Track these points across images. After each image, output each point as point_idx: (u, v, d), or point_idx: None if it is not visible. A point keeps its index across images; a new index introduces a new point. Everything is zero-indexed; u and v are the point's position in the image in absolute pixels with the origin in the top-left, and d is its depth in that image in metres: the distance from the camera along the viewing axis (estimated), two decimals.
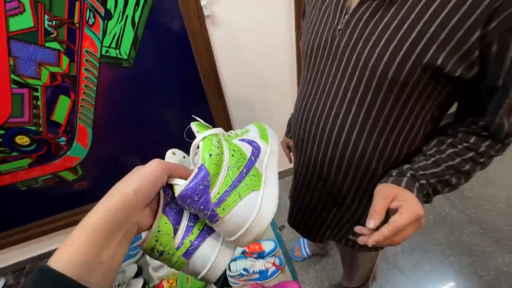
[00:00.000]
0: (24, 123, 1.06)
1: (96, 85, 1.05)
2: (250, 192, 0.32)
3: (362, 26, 0.43)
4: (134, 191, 0.27)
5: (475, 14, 0.34)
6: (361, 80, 0.44)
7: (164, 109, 1.22)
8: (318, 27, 0.50)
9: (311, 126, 0.54)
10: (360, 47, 0.43)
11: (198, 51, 1.08)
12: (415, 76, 0.40)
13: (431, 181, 0.45)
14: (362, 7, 0.43)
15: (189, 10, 0.98)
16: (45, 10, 0.87)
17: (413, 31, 0.38)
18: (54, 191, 1.28)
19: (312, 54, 0.51)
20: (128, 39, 0.99)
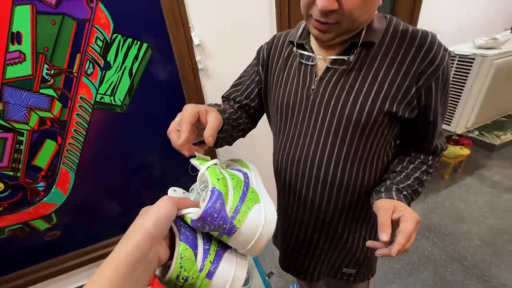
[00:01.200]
0: (2, 168, 1.00)
1: (86, 130, 1.06)
2: (255, 204, 0.38)
3: (332, 86, 0.54)
4: (154, 225, 0.29)
5: (409, 77, 0.50)
6: (340, 126, 0.54)
7: (151, 154, 1.22)
8: (291, 88, 0.59)
9: (297, 169, 0.61)
10: (334, 103, 0.54)
11: (191, 99, 1.15)
12: (379, 120, 0.52)
13: (409, 192, 0.56)
14: (328, 72, 0.54)
15: (185, 63, 1.07)
16: (46, 61, 0.91)
17: (371, 90, 0.51)
18: (21, 243, 1.16)
19: (288, 109, 0.60)
20: (124, 88, 1.04)
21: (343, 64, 0.52)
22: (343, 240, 0.67)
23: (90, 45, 0.94)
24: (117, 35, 0.96)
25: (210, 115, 0.47)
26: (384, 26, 0.51)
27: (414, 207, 1.75)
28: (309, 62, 0.56)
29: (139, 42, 1.00)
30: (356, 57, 0.51)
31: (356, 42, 0.50)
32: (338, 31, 0.47)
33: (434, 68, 0.49)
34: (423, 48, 0.49)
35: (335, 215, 0.63)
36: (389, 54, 0.50)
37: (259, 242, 0.36)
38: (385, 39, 0.51)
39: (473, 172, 2.05)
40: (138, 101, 1.08)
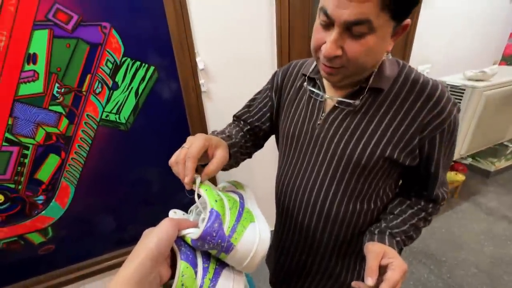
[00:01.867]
0: (4, 180, 1.03)
1: (89, 146, 1.09)
2: (250, 224, 0.41)
3: (336, 124, 0.56)
4: (156, 246, 0.32)
5: (414, 126, 0.50)
6: (339, 165, 0.56)
7: (151, 172, 1.25)
8: (298, 118, 0.62)
9: (296, 197, 0.63)
10: (337, 141, 0.55)
11: (193, 120, 1.19)
12: (379, 164, 0.53)
13: (402, 237, 0.56)
14: (335, 111, 0.56)
15: (189, 86, 1.12)
16: (57, 80, 0.96)
17: (375, 134, 0.52)
18: (14, 257, 1.15)
19: (294, 138, 0.63)
20: (129, 106, 1.09)
21: (350, 105, 0.54)
22: (336, 272, 0.66)
23: (101, 66, 1.00)
24: (127, 58, 1.02)
25: (218, 153, 0.48)
26: (395, 73, 0.52)
27: None
28: (318, 98, 0.59)
29: (147, 65, 1.06)
30: (363, 101, 0.53)
31: (364, 86, 0.52)
32: (344, 74, 0.48)
33: (440, 120, 0.49)
34: (432, 100, 0.49)
35: (329, 246, 0.63)
36: (397, 101, 0.51)
37: (255, 259, 0.39)
38: (395, 85, 0.52)
39: (469, 198, 2.06)
40: (142, 120, 1.13)
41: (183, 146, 0.47)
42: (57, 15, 0.89)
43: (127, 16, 0.97)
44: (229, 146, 0.57)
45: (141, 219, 1.32)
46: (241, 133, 0.67)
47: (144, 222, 1.30)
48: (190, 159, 0.43)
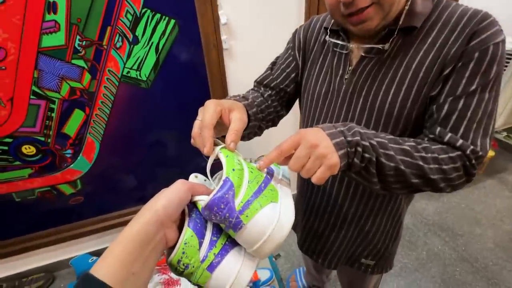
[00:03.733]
0: (34, 133, 1.07)
1: (112, 102, 1.10)
2: (269, 203, 0.35)
3: (365, 76, 0.52)
4: (163, 207, 0.30)
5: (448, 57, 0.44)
6: (371, 117, 0.52)
7: (171, 131, 1.26)
8: (324, 76, 0.58)
9: None
10: (365, 93, 0.52)
11: (213, 79, 1.15)
12: (415, 112, 0.49)
13: (365, 140, 0.41)
14: (363, 62, 0.52)
15: (210, 42, 1.07)
16: (78, 32, 0.94)
17: (405, 79, 0.48)
18: (48, 205, 1.24)
19: (320, 97, 0.59)
20: (150, 63, 1.07)
21: (379, 53, 0.49)
22: (365, 231, 0.66)
23: (121, 18, 0.96)
24: (147, 9, 0.97)
25: (234, 115, 0.44)
26: (429, 9, 0.47)
27: (427, 204, 1.73)
28: (343, 50, 0.55)
29: (167, 18, 1.00)
30: (393, 45, 0.48)
31: (394, 28, 0.47)
32: (379, 13, 0.43)
33: (474, 45, 0.42)
34: (469, 25, 0.43)
35: (358, 206, 0.62)
36: (429, 38, 0.46)
37: (267, 244, 0.33)
38: (428, 21, 0.47)
39: (494, 175, 1.97)
40: (162, 77, 1.10)
41: (197, 118, 0.44)
42: None
43: None
44: (246, 107, 0.52)
45: (160, 178, 1.36)
46: (261, 98, 0.62)
47: (164, 181, 1.34)
48: (204, 128, 0.40)
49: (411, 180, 0.43)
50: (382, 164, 0.41)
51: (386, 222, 0.65)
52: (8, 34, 0.88)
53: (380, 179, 0.43)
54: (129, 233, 0.28)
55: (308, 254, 0.79)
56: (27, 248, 1.31)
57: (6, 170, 1.10)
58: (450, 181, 0.44)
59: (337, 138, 0.40)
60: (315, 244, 0.75)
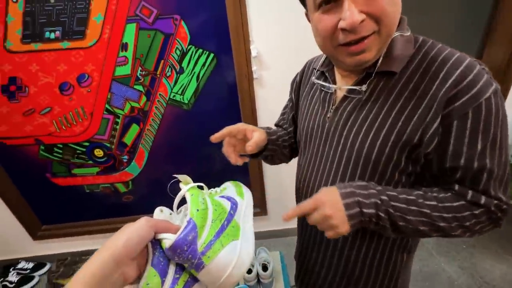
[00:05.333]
0: (103, 140, 1.36)
1: (160, 120, 1.32)
2: (231, 241, 0.37)
3: (346, 116, 0.52)
4: (123, 245, 0.30)
5: (431, 109, 0.42)
6: (350, 159, 0.52)
7: (208, 148, 1.41)
8: (311, 113, 0.60)
9: (312, 192, 0.61)
10: (346, 133, 0.51)
11: (244, 104, 1.27)
12: (394, 159, 0.46)
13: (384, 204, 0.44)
14: (344, 102, 0.52)
15: (242, 73, 1.20)
16: (140, 64, 1.19)
17: (384, 125, 0.46)
18: (107, 198, 1.53)
19: (307, 134, 0.61)
20: (191, 89, 1.25)
21: (359, 94, 0.49)
22: (355, 277, 0.61)
23: (171, 53, 1.18)
24: (192, 46, 1.17)
25: (255, 133, 0.58)
26: (411, 51, 0.45)
27: (493, 266, 1.40)
28: (328, 90, 0.56)
29: (208, 52, 1.18)
30: (373, 87, 0.48)
31: (371, 72, 0.46)
32: (378, 42, 0.42)
33: (461, 103, 0.40)
34: (452, 76, 0.41)
35: (345, 247, 0.59)
36: (410, 84, 0.44)
37: (228, 280, 0.35)
38: (410, 66, 0.45)
39: None
40: (201, 101, 1.28)
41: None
42: (142, 10, 1.10)
43: (194, 9, 1.10)
44: (266, 133, 0.64)
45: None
46: (283, 132, 0.74)
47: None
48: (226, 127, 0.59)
49: (431, 235, 0.46)
50: (399, 227, 0.45)
51: (371, 265, 0.60)
52: (94, 66, 1.19)
53: (395, 233, 0.47)
54: (86, 272, 0.28)
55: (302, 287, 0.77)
56: (91, 232, 1.62)
57: (82, 166, 1.42)
58: (473, 232, 0.46)
59: (352, 209, 0.44)
60: (308, 278, 0.73)
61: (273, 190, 1.51)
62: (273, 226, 1.60)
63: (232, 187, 0.50)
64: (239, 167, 0.53)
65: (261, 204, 1.53)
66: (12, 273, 1.49)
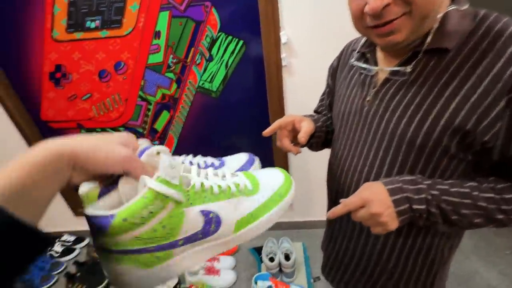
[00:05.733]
0: (136, 126, 1.43)
1: (189, 107, 1.35)
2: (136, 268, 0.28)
3: (387, 99, 0.49)
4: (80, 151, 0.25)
5: (495, 90, 0.38)
6: (391, 145, 0.49)
7: (234, 136, 1.42)
8: (349, 97, 0.58)
9: (345, 180, 0.59)
10: (388, 117, 0.49)
11: (271, 93, 1.25)
12: (443, 144, 0.43)
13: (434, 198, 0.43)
14: (386, 84, 0.49)
15: (271, 59, 1.18)
16: (172, 52, 1.22)
17: (434, 107, 0.43)
18: None
19: (343, 118, 0.59)
20: (220, 77, 1.26)
21: (404, 76, 0.46)
22: (388, 270, 0.59)
23: (201, 41, 1.19)
24: (221, 33, 1.17)
25: (303, 123, 0.60)
26: (470, 27, 0.41)
27: None
28: (369, 72, 0.54)
29: (237, 39, 1.17)
30: (421, 67, 0.44)
31: (419, 50, 0.43)
32: (409, 24, 0.40)
33: None
34: None
35: (380, 237, 0.57)
36: (469, 62, 0.40)
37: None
38: (468, 43, 0.41)
39: None
40: (228, 89, 1.28)
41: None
42: None
43: None
44: (312, 121, 0.66)
45: None
46: (325, 117, 0.74)
47: None
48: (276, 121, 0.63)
49: (486, 226, 0.45)
50: (451, 221, 0.44)
51: (407, 260, 0.57)
52: (130, 54, 1.24)
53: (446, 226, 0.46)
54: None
55: (328, 280, 0.76)
56: None
57: None
58: None
59: (402, 205, 0.43)
60: (336, 269, 0.72)
61: (299, 181, 1.48)
62: (296, 217, 1.59)
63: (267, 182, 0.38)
64: (265, 157, 0.53)
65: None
66: (57, 244, 1.66)
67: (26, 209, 0.21)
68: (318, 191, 1.51)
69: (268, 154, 1.41)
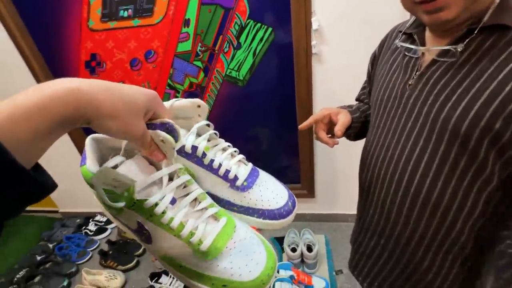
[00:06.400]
0: None
1: (215, 96, 1.36)
2: None
3: (433, 82, 0.45)
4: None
5: None
6: (433, 132, 0.45)
7: (259, 126, 1.42)
8: (389, 81, 0.54)
9: (380, 169, 0.56)
10: (431, 101, 0.45)
11: (300, 82, 1.22)
12: (491, 134, 0.39)
13: None
14: (432, 66, 0.45)
15: (300, 46, 1.14)
16: (200, 40, 1.23)
17: (485, 90, 0.39)
18: None
19: (381, 104, 0.56)
20: (247, 65, 1.25)
21: (453, 56, 0.42)
22: (422, 270, 0.54)
23: (230, 28, 1.18)
24: (250, 20, 1.15)
25: (340, 115, 0.62)
26: None
27: None
28: (414, 54, 0.50)
29: (266, 26, 1.15)
30: (475, 46, 0.40)
31: (474, 28, 0.39)
32: (462, 1, 0.37)
33: None
34: None
35: (415, 233, 0.52)
36: None
37: None
38: None
39: None
40: (255, 78, 1.27)
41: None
42: None
43: None
44: (349, 112, 0.66)
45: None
46: (366, 106, 0.73)
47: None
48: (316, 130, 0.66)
49: None
50: None
51: (443, 261, 0.52)
52: (160, 42, 1.26)
53: None
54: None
55: (354, 275, 0.74)
56: None
57: None
58: None
59: None
60: (363, 264, 0.69)
61: (323, 173, 1.46)
62: (320, 209, 1.57)
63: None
64: (290, 148, 0.53)
65: (309, 187, 1.50)
66: (91, 223, 1.78)
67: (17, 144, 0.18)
68: (343, 184, 1.47)
69: (293, 144, 1.39)
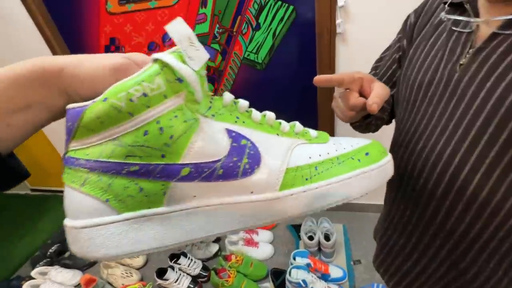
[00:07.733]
0: None
1: (233, 80, 1.33)
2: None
3: (493, 61, 0.37)
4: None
5: None
6: (491, 119, 0.38)
7: (279, 110, 1.37)
8: (431, 62, 0.46)
9: (416, 160, 0.49)
10: (491, 85, 0.38)
11: (322, 63, 1.15)
12: None
13: None
14: (493, 40, 0.37)
15: (323, 26, 1.07)
16: (218, 21, 1.18)
17: None
18: None
19: (420, 89, 0.48)
20: (267, 47, 1.20)
21: None
22: (461, 266, 0.48)
23: (249, 8, 1.12)
24: None
25: (375, 84, 0.42)
26: None
27: None
28: (464, 29, 0.42)
29: (287, 4, 1.08)
30: None
31: None
32: None
33: None
34: None
35: (452, 233, 0.46)
36: None
37: None
38: None
39: None
40: (275, 61, 1.22)
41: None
42: None
43: None
44: None
45: None
46: None
47: None
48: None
49: None
50: None
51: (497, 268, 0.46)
52: None
53: None
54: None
55: (379, 272, 0.69)
56: None
57: None
58: None
59: None
60: (394, 265, 0.62)
61: None
62: None
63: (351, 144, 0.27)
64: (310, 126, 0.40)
65: None
66: None
67: None
68: None
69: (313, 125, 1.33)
